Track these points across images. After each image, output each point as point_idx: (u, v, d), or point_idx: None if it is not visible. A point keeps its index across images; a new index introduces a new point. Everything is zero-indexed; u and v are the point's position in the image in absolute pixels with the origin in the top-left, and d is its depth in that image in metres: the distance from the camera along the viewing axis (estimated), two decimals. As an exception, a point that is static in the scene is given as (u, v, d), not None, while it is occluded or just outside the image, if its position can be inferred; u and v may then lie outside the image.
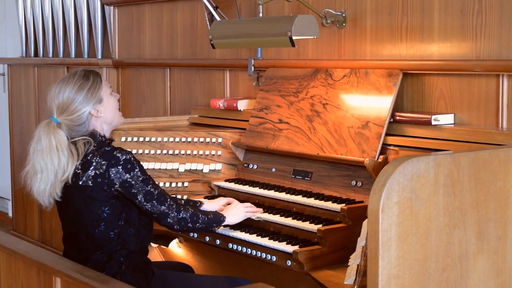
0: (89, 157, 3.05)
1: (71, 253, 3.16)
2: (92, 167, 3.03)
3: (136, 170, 3.05)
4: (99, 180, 3.02)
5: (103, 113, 3.15)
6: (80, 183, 3.04)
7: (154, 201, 3.08)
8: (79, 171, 3.04)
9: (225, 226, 3.40)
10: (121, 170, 3.02)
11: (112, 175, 3.01)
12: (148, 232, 3.19)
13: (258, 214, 3.45)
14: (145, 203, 3.07)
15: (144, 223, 3.17)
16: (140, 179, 3.05)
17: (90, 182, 3.02)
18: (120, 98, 3.85)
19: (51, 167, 3.04)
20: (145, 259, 3.21)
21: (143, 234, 3.16)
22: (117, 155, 3.04)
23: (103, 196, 3.03)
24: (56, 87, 3.14)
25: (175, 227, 3.16)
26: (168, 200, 3.13)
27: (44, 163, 3.04)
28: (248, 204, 3.49)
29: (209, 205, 3.54)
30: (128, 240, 3.10)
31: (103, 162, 3.02)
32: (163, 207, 3.10)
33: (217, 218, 3.30)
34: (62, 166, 3.04)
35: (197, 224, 3.20)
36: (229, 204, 3.51)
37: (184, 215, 3.15)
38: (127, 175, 3.03)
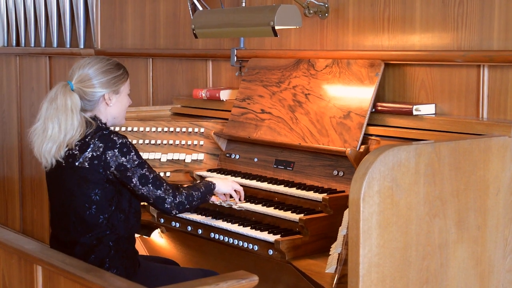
0: (87, 139, 3.08)
1: (59, 235, 3.17)
2: (90, 149, 3.06)
3: (132, 153, 3.08)
4: (96, 162, 3.04)
5: (114, 104, 3.19)
6: (77, 164, 3.06)
7: (150, 185, 3.10)
8: (77, 152, 3.06)
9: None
10: (117, 153, 3.05)
11: (109, 157, 3.04)
12: (136, 220, 3.20)
13: (240, 203, 3.46)
14: (140, 187, 3.09)
15: (134, 211, 3.18)
16: (135, 162, 3.08)
17: (87, 164, 3.05)
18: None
19: (64, 126, 3.06)
20: (133, 247, 3.22)
21: (132, 222, 3.17)
22: (114, 138, 3.08)
23: (97, 178, 3.05)
24: (87, 59, 3.19)
25: (173, 212, 3.18)
26: (164, 184, 3.15)
27: (58, 121, 3.07)
28: (238, 185, 3.51)
29: None
30: (118, 226, 3.11)
31: (100, 145, 3.06)
32: (159, 191, 3.12)
33: (208, 188, 3.34)
34: (74, 128, 3.06)
35: (194, 203, 3.24)
36: None
37: (180, 199, 3.18)
38: (123, 158, 3.05)
